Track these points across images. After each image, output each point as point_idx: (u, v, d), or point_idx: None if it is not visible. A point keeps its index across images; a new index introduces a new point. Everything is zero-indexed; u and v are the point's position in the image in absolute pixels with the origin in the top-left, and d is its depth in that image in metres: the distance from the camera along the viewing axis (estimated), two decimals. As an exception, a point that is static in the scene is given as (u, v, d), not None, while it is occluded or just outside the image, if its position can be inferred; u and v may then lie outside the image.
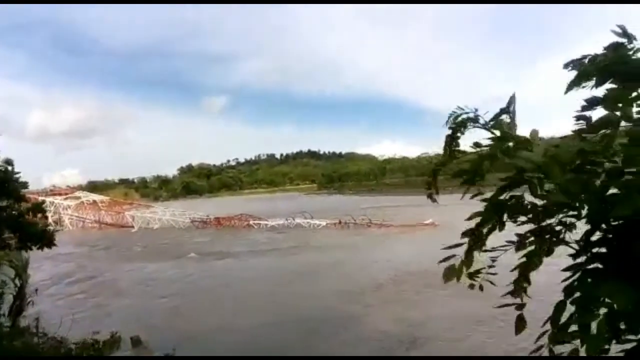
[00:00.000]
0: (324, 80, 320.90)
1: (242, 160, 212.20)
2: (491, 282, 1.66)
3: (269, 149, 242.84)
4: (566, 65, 1.69)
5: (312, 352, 12.86)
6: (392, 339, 13.64)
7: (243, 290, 20.46)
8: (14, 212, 6.82)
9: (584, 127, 1.63)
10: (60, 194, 65.17)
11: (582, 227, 1.51)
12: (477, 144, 1.58)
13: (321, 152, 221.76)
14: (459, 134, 1.72)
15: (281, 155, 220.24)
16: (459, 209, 2.15)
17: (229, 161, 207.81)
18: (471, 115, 1.67)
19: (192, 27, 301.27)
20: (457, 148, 1.73)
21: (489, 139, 1.60)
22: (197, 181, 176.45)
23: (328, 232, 41.90)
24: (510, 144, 1.50)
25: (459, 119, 1.70)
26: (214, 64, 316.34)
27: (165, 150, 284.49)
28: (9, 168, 7.11)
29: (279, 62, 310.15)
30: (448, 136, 1.68)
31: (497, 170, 1.55)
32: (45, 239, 6.51)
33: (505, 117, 1.70)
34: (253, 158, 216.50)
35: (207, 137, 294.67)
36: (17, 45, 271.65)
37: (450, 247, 1.61)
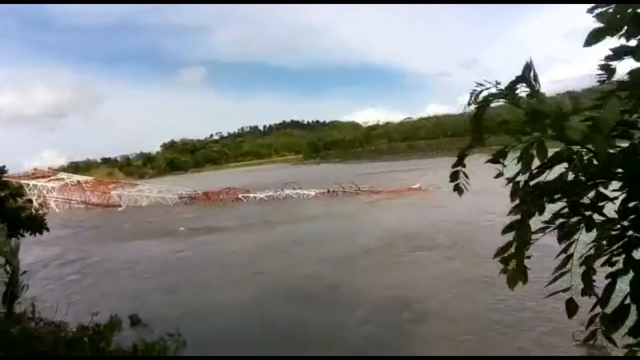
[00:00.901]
0: (303, 48, 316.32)
1: (225, 134, 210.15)
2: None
3: (252, 121, 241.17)
4: (590, 10, 1.56)
5: (305, 320, 13.11)
6: (383, 301, 13.88)
7: (234, 264, 20.53)
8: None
9: (604, 79, 1.53)
10: (43, 177, 63.83)
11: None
12: (505, 122, 1.45)
13: (305, 122, 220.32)
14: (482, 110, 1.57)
15: (264, 126, 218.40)
16: (444, 172, 2.00)
17: (212, 135, 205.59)
18: (493, 90, 1.54)
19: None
20: (483, 127, 1.57)
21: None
22: (182, 157, 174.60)
23: (317, 201, 42.04)
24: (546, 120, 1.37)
25: (482, 95, 1.56)
26: (189, 35, 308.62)
27: (147, 127, 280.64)
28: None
29: (256, 30, 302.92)
30: (474, 117, 1.53)
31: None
32: (35, 225, 6.30)
33: (521, 87, 1.57)
34: (236, 131, 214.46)
35: (188, 111, 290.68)
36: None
37: (501, 253, 1.46)
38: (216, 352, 10.98)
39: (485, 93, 1.71)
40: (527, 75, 1.58)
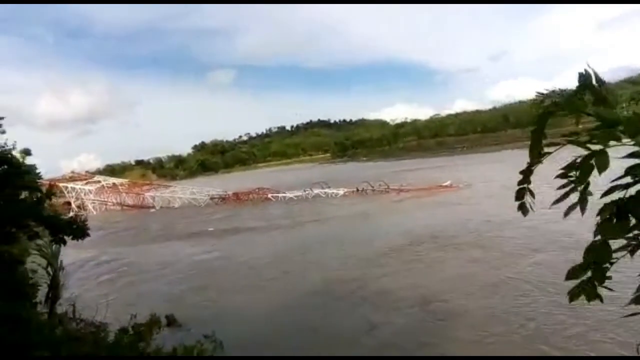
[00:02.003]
0: (329, 46, 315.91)
1: (253, 134, 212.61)
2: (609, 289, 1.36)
3: (279, 122, 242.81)
4: None
5: (330, 317, 13.33)
6: (405, 301, 13.89)
7: (263, 266, 20.62)
8: (32, 201, 6.71)
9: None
10: (80, 180, 66.18)
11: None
12: (574, 133, 1.31)
13: (332, 121, 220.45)
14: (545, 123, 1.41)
15: (292, 126, 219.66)
16: (475, 169, 1.85)
17: (240, 136, 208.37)
18: (558, 98, 1.40)
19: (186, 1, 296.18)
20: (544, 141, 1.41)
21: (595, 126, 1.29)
22: (212, 158, 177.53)
23: (346, 200, 41.90)
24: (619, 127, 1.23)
25: (545, 104, 1.41)
26: (217, 38, 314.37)
27: (178, 129, 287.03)
28: (26, 159, 7.00)
29: (282, 31, 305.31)
30: (535, 129, 1.37)
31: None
32: (77, 230, 6.39)
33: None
34: (264, 131, 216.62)
35: (217, 112, 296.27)
36: (18, 34, 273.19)
37: (573, 275, 1.31)
38: (247, 347, 11.18)
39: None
40: (590, 80, 1.45)
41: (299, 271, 18.80)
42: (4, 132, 6.70)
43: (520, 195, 1.57)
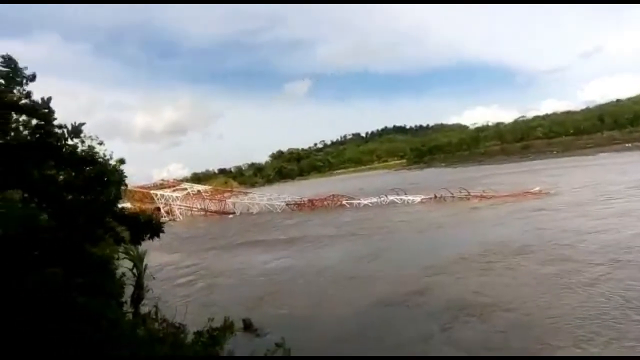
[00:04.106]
0: (405, 51, 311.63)
1: (328, 142, 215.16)
2: None
3: (354, 128, 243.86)
4: None
5: (394, 324, 13.05)
6: (470, 309, 13.33)
7: (333, 273, 20.28)
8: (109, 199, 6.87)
9: None
10: (168, 187, 71.00)
11: None
12: None
13: (407, 127, 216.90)
14: None
15: (367, 133, 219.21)
16: (568, 174, 1.32)
17: (316, 144, 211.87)
18: None
19: (268, 17, 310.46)
20: None
21: None
22: (288, 166, 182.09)
23: (423, 207, 40.40)
24: None
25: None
26: (294, 50, 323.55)
27: (257, 139, 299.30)
28: (120, 167, 7.29)
29: (358, 39, 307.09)
30: None
31: None
32: (153, 228, 6.58)
33: None
34: (339, 139, 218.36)
35: (294, 121, 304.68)
36: (114, 56, 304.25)
37: None
38: (313, 351, 11.01)
39: None
40: None
41: (367, 279, 18.42)
42: (101, 143, 7.05)
43: None
